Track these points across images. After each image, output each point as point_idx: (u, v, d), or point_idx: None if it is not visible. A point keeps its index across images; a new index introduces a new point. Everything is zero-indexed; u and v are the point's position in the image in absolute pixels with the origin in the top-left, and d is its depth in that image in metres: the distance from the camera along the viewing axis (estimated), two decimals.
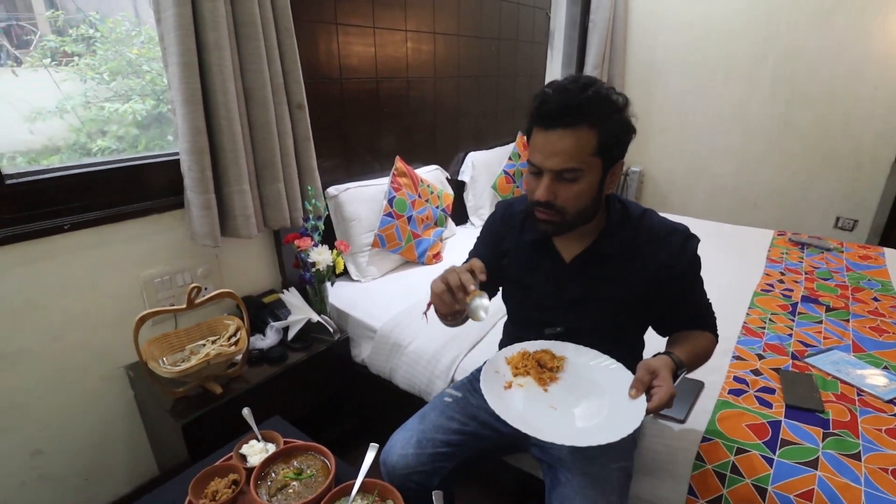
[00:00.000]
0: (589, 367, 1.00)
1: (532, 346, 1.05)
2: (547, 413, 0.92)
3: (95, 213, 1.35)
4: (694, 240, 1.03)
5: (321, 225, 1.68)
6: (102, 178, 1.37)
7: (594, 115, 0.87)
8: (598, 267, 1.03)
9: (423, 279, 1.97)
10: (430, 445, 1.08)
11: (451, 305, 0.88)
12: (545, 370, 0.99)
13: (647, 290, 1.02)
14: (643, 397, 0.88)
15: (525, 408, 0.93)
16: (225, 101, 1.36)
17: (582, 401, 0.94)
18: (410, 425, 1.14)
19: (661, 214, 1.07)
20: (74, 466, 1.46)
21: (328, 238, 1.84)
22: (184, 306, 1.28)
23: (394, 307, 1.73)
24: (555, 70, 3.59)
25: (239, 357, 1.41)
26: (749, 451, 1.11)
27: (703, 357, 1.04)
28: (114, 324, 1.44)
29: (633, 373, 0.92)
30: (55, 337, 1.35)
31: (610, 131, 0.89)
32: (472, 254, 1.24)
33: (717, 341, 1.10)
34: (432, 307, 0.97)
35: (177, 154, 1.43)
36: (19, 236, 1.23)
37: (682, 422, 1.21)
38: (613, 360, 0.99)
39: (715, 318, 1.10)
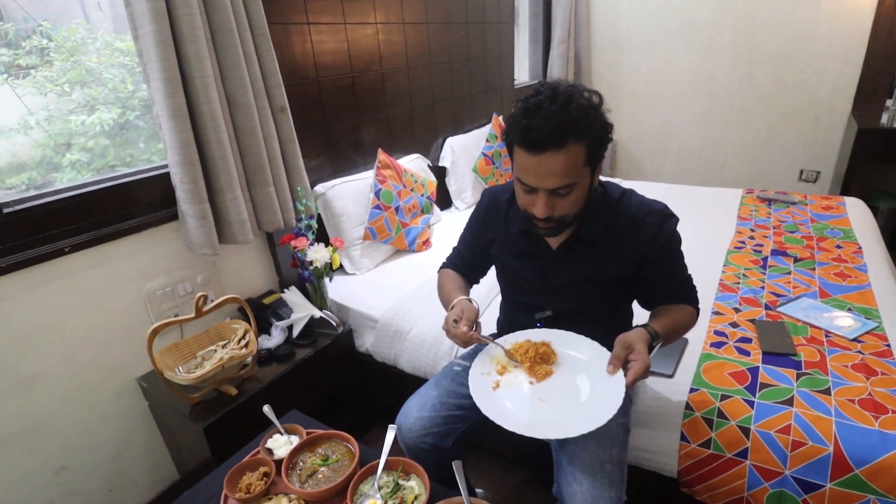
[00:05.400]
0: (571, 354, 1.06)
1: (536, 335, 1.09)
2: (536, 407, 0.97)
3: (93, 233, 1.37)
4: (672, 219, 1.05)
5: (314, 224, 1.72)
6: (96, 198, 1.39)
7: (580, 130, 0.88)
8: (583, 252, 1.08)
9: (415, 266, 2.04)
10: (443, 409, 1.16)
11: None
12: (542, 364, 1.04)
13: (628, 270, 1.07)
14: (623, 380, 0.93)
15: (515, 407, 0.98)
16: (210, 110, 1.38)
17: (567, 390, 1.00)
18: (425, 391, 1.21)
19: (640, 187, 1.13)
20: (98, 479, 1.50)
21: (320, 235, 1.89)
22: (192, 315, 1.33)
23: (391, 296, 1.80)
24: (523, 48, 3.63)
25: (250, 359, 1.47)
26: (732, 397, 1.22)
27: (681, 328, 1.09)
28: (122, 338, 1.48)
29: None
30: (66, 357, 1.38)
31: (595, 139, 0.92)
32: (461, 239, 1.31)
33: (697, 313, 1.14)
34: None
35: (166, 167, 1.45)
36: (21, 263, 1.25)
37: (671, 376, 1.32)
38: (594, 342, 1.05)
39: (696, 292, 1.14)
